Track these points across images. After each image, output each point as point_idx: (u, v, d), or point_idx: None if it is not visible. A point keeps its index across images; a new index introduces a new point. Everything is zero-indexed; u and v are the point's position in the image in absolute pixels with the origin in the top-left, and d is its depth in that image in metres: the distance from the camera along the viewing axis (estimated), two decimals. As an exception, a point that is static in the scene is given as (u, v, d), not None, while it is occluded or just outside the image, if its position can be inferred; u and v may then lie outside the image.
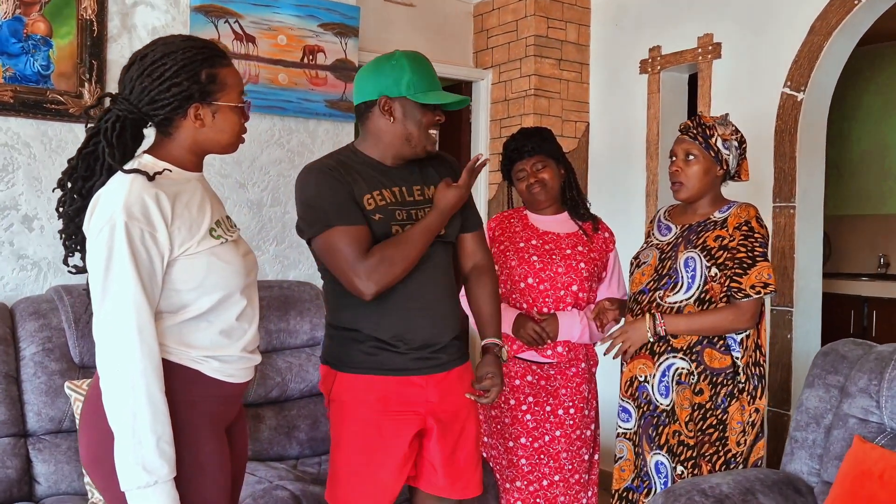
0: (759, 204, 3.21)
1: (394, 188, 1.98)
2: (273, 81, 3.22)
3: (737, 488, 2.00)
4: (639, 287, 2.35)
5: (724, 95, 3.39)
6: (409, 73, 1.91)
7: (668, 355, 2.25)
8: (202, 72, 1.58)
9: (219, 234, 1.63)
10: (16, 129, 2.72)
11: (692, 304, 2.22)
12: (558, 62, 3.93)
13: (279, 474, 2.45)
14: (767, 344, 2.38)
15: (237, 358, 1.66)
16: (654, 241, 2.40)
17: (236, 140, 1.68)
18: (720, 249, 2.22)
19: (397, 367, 1.96)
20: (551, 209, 2.58)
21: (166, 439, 1.49)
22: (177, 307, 1.58)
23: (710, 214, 2.30)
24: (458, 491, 2.08)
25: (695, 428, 2.24)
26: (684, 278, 2.24)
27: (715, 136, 2.26)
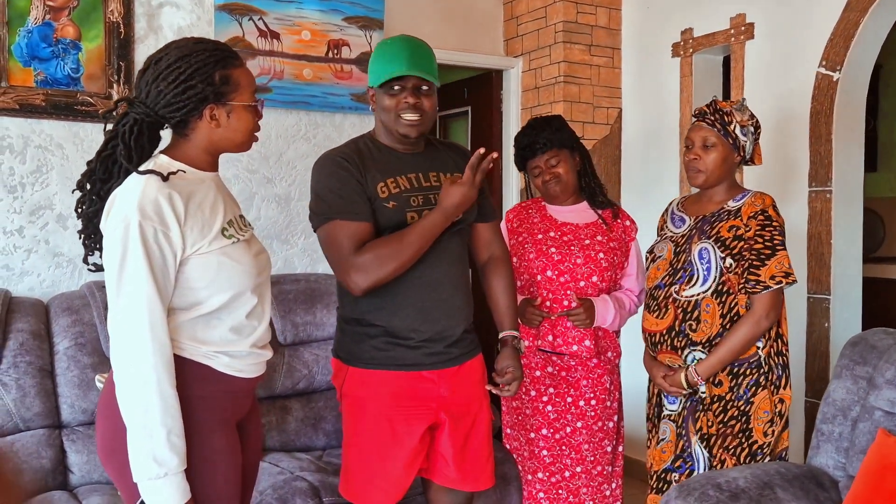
0: (795, 188, 3.14)
1: (409, 174, 1.99)
2: (298, 77, 3.26)
3: (754, 482, 1.95)
4: (654, 282, 2.31)
5: (758, 77, 3.28)
6: (376, 59, 1.95)
7: (689, 349, 2.21)
8: (216, 73, 1.61)
9: (231, 233, 1.66)
10: (49, 132, 2.82)
11: (710, 297, 2.16)
12: (589, 48, 3.86)
13: (302, 465, 2.50)
14: (788, 333, 2.30)
15: (247, 353, 1.70)
16: (668, 234, 2.35)
17: (250, 138, 1.72)
18: (735, 239, 2.16)
19: (409, 363, 1.97)
20: (570, 200, 2.55)
21: (177, 432, 1.53)
22: (189, 304, 1.61)
23: (724, 203, 2.24)
24: (471, 483, 2.08)
25: (715, 420, 2.20)
26: (699, 270, 2.18)
27: (734, 122, 2.20)
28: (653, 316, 2.29)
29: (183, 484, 1.54)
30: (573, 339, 2.43)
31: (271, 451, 2.68)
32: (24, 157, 2.79)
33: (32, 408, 2.41)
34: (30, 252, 2.80)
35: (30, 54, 2.76)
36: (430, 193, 1.98)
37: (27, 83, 2.75)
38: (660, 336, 2.26)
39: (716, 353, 2.16)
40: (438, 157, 2.06)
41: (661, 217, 2.46)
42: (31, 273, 2.81)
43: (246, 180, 3.20)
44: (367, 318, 1.99)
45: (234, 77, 1.64)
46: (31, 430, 2.41)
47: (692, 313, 2.19)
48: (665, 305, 2.24)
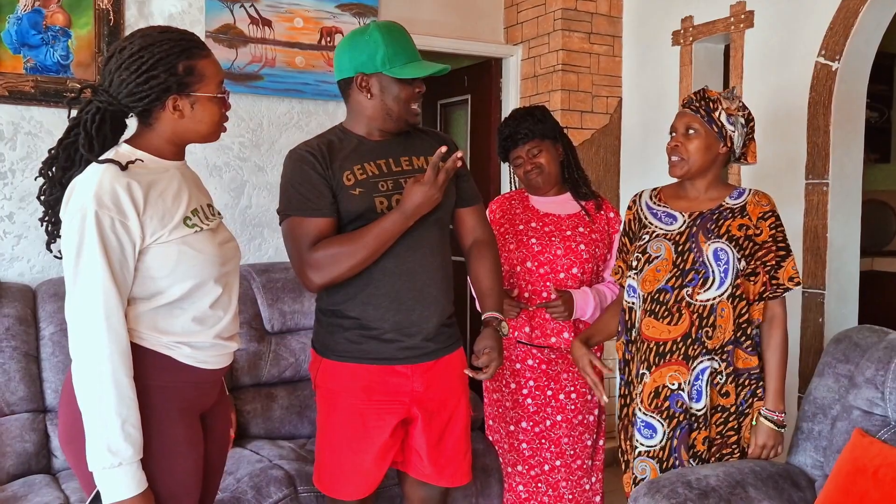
0: (792, 181, 3.08)
1: (378, 161, 1.97)
2: (290, 64, 3.25)
3: (726, 480, 1.92)
4: (657, 285, 2.08)
5: (757, 67, 3.21)
6: (384, 46, 1.88)
7: (702, 358, 2.05)
8: (179, 64, 1.60)
9: (194, 223, 1.65)
10: (38, 118, 2.84)
11: (725, 301, 2.02)
12: (588, 35, 3.81)
13: (282, 454, 2.51)
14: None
15: (210, 345, 1.69)
16: (657, 231, 2.14)
17: (216, 129, 1.70)
18: (746, 240, 2.05)
19: (382, 357, 1.96)
20: (553, 191, 2.52)
21: (132, 422, 1.52)
22: (150, 294, 1.61)
23: (720, 200, 2.11)
24: (446, 479, 2.07)
25: (714, 431, 2.09)
26: (716, 272, 2.03)
27: (719, 109, 2.07)
28: (662, 322, 2.06)
29: (138, 474, 1.54)
30: (551, 331, 2.41)
31: (255, 438, 2.70)
32: (14, 143, 2.81)
33: (17, 392, 2.43)
34: (20, 238, 2.83)
35: (19, 41, 2.77)
36: (400, 178, 1.96)
37: (17, 70, 2.77)
38: (672, 344, 2.05)
39: (773, 377, 2.07)
40: (411, 143, 2.04)
41: (628, 210, 2.27)
42: (20, 259, 2.84)
43: (237, 168, 3.21)
44: (341, 308, 1.98)
45: (199, 68, 1.62)
46: (15, 413, 2.43)
47: (708, 319, 2.03)
48: (678, 310, 2.04)
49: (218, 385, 1.81)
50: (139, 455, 1.54)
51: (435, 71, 1.92)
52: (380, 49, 1.88)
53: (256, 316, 2.88)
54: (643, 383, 2.11)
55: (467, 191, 2.11)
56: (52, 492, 2.22)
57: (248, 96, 3.17)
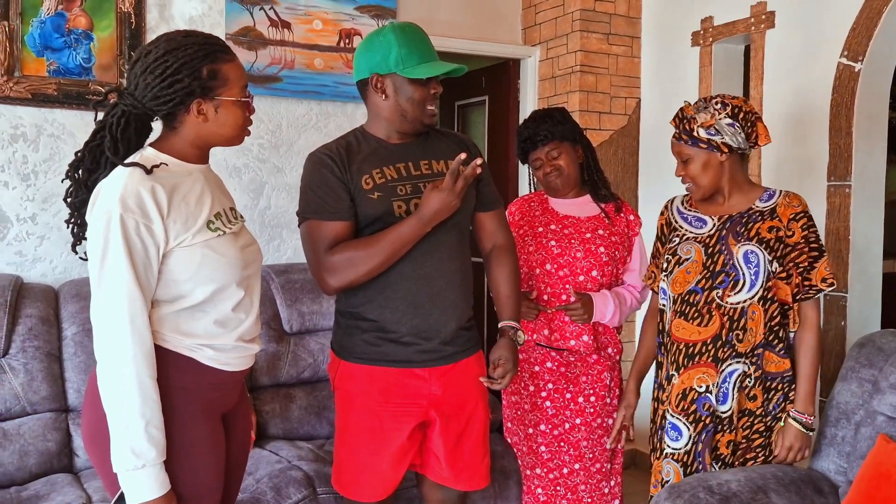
0: (813, 183, 3.05)
1: (398, 164, 1.95)
2: (309, 66, 3.26)
3: (747, 486, 1.91)
4: (686, 286, 2.10)
5: (778, 68, 3.19)
6: (397, 47, 1.87)
7: (731, 361, 2.06)
8: (203, 68, 1.61)
9: (217, 226, 1.66)
10: (61, 121, 2.87)
11: (756, 303, 2.03)
12: (607, 36, 3.79)
13: (301, 454, 2.51)
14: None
15: (232, 347, 1.70)
16: (687, 234, 2.17)
17: (240, 133, 1.71)
18: (777, 241, 2.05)
19: (400, 359, 1.95)
20: (572, 193, 2.51)
21: (155, 424, 1.54)
22: (173, 297, 1.62)
23: (750, 203, 2.12)
24: (464, 482, 2.06)
25: (740, 434, 2.09)
26: (746, 275, 2.03)
27: (695, 127, 2.07)
28: (692, 324, 2.08)
29: (161, 476, 1.55)
30: (571, 333, 2.40)
31: (274, 439, 2.71)
32: (37, 145, 2.84)
33: (39, 392, 2.46)
34: (42, 239, 2.86)
35: (43, 44, 2.80)
36: (419, 182, 1.95)
37: (40, 73, 2.80)
38: (701, 346, 2.08)
39: (805, 379, 2.05)
40: (431, 146, 2.03)
41: (661, 216, 2.32)
42: (43, 259, 2.87)
43: (256, 169, 3.22)
44: (359, 311, 1.98)
45: (223, 71, 1.63)
46: (37, 413, 2.46)
47: (738, 321, 2.04)
48: (709, 312, 2.06)
49: (239, 386, 1.82)
50: (162, 457, 1.55)
51: (448, 70, 1.90)
52: (393, 49, 1.87)
53: (275, 316, 2.90)
54: (671, 385, 2.14)
55: (488, 195, 2.10)
56: (75, 490, 2.24)
57: (267, 98, 3.19)
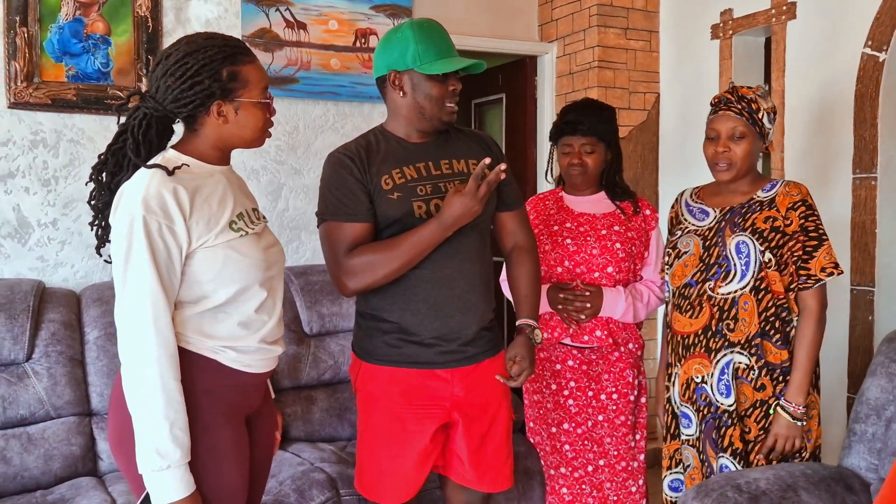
0: (838, 175, 3.00)
1: (418, 164, 1.93)
2: (325, 67, 3.25)
3: (776, 484, 1.87)
4: (683, 280, 2.15)
5: (800, 59, 3.14)
6: (414, 43, 1.84)
7: (725, 351, 2.06)
8: (223, 70, 1.60)
9: (239, 227, 1.65)
10: (80, 125, 2.88)
11: (748, 294, 2.04)
12: (625, 31, 3.76)
13: (323, 456, 2.51)
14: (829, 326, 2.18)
15: (255, 349, 1.69)
16: (689, 227, 2.21)
17: (261, 135, 1.70)
18: (772, 231, 2.04)
19: (422, 361, 1.94)
20: (588, 190, 2.48)
21: (180, 426, 1.53)
22: (196, 298, 1.62)
23: (752, 194, 2.12)
24: (487, 484, 2.04)
25: (755, 427, 2.08)
26: (737, 265, 2.05)
27: (761, 110, 2.07)
28: (685, 316, 2.13)
29: (186, 476, 1.55)
30: (584, 329, 2.38)
31: (296, 441, 2.71)
32: (56, 150, 2.86)
33: (63, 396, 2.47)
34: (63, 244, 2.88)
35: (61, 50, 2.81)
36: (439, 182, 1.93)
37: (59, 78, 2.81)
38: (694, 337, 2.12)
39: (797, 369, 2.03)
40: (452, 145, 2.00)
41: (672, 209, 2.34)
42: (64, 264, 2.88)
43: (274, 171, 3.22)
44: (380, 313, 1.96)
45: (243, 74, 1.62)
46: (61, 417, 2.48)
47: (729, 312, 2.06)
48: (699, 304, 2.10)
49: (262, 388, 1.81)
50: (187, 458, 1.55)
51: (465, 66, 1.87)
52: (410, 45, 1.84)
53: (295, 318, 2.89)
54: (676, 375, 2.19)
55: (510, 194, 2.08)
56: (100, 494, 2.25)
57: (284, 100, 3.19)
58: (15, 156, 2.81)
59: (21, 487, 2.34)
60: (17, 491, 2.33)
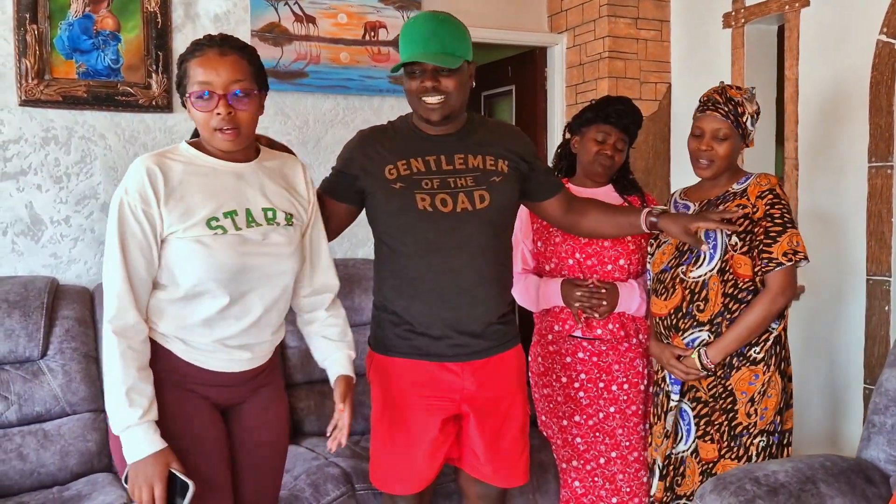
0: (854, 164, 2.97)
1: (427, 157, 1.93)
2: (335, 61, 3.24)
3: (795, 476, 1.86)
4: (660, 266, 2.27)
5: (814, 47, 3.10)
6: (401, 38, 1.89)
7: (692, 329, 2.18)
8: (182, 65, 1.66)
9: (220, 224, 1.63)
10: (91, 122, 2.88)
11: (715, 275, 2.14)
12: (635, 21, 3.73)
13: (337, 451, 2.50)
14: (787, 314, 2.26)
15: (212, 348, 1.68)
16: None
17: (207, 133, 1.66)
18: (742, 218, 2.13)
19: (432, 353, 1.93)
20: (598, 183, 2.47)
21: (137, 390, 1.57)
22: (164, 283, 1.66)
23: (727, 187, 2.23)
24: (502, 479, 2.04)
25: (707, 394, 2.19)
26: (706, 250, 2.16)
27: (745, 114, 2.18)
28: (661, 299, 2.25)
29: (149, 435, 1.57)
30: (597, 322, 2.37)
31: (309, 435, 2.71)
32: (68, 147, 2.86)
33: (78, 392, 2.48)
34: (76, 241, 2.88)
35: (71, 47, 2.81)
36: (448, 177, 1.91)
37: (70, 75, 2.81)
38: (667, 318, 2.24)
39: (731, 332, 2.12)
40: (472, 138, 1.97)
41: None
42: (77, 261, 2.89)
43: (285, 166, 3.22)
44: (389, 304, 1.97)
45: (190, 69, 1.64)
46: (77, 413, 2.48)
47: (700, 294, 2.16)
48: (672, 287, 2.22)
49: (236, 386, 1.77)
50: (148, 417, 1.57)
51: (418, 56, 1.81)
52: (400, 43, 1.89)
53: (308, 313, 2.89)
54: None
55: (544, 184, 2.09)
56: (116, 490, 2.26)
57: (293, 94, 3.18)
58: (27, 153, 2.81)
59: (38, 484, 2.35)
60: (34, 487, 2.34)
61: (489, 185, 1.93)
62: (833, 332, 3.05)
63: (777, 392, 2.15)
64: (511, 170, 1.97)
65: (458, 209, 1.89)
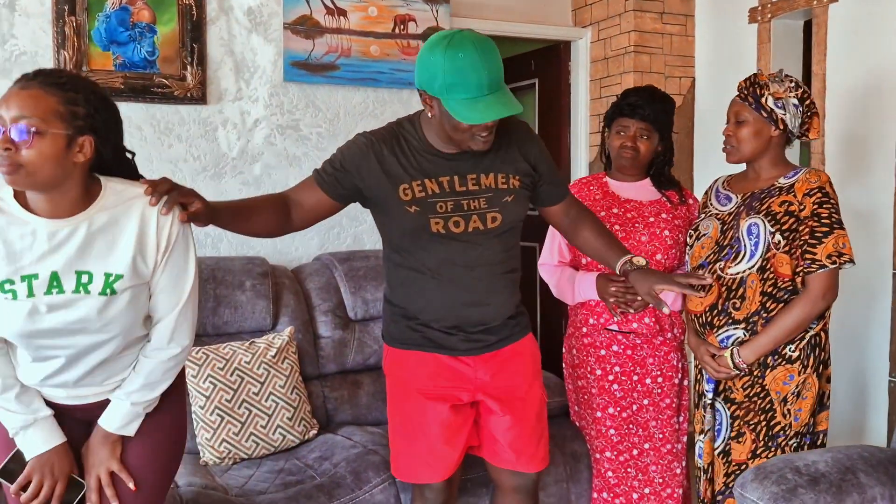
0: (881, 162, 2.99)
1: (441, 178, 1.88)
2: (365, 54, 3.27)
3: (835, 466, 1.89)
4: (699, 261, 2.23)
5: (842, 43, 3.12)
6: (442, 73, 1.71)
7: (727, 327, 2.15)
8: None
9: (11, 289, 1.51)
10: (127, 114, 2.89)
11: (755, 273, 2.09)
12: (660, 15, 3.75)
13: (374, 440, 2.54)
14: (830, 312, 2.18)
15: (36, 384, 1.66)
16: (712, 211, 2.28)
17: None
18: (786, 215, 2.08)
19: (445, 346, 1.98)
20: (633, 177, 2.49)
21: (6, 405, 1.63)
22: None
23: (774, 181, 2.16)
24: (523, 465, 2.08)
25: (741, 394, 2.17)
26: (747, 246, 2.10)
27: (766, 95, 2.12)
28: (697, 296, 2.19)
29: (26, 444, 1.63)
30: (633, 316, 2.40)
31: (344, 424, 2.75)
32: (105, 139, 2.88)
33: None
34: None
35: (108, 39, 2.84)
36: (461, 199, 1.88)
37: (107, 67, 2.84)
38: (704, 316, 2.20)
39: (766, 333, 2.08)
40: (486, 156, 1.91)
41: (704, 195, 2.39)
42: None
43: (315, 159, 3.25)
44: (402, 304, 2.00)
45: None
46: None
47: (737, 291, 2.12)
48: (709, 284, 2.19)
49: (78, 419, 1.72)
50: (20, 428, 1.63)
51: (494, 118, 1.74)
52: (439, 75, 1.72)
53: (340, 304, 2.93)
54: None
55: (553, 190, 2.07)
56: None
57: (324, 86, 3.20)
58: (64, 144, 2.84)
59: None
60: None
61: (502, 206, 1.92)
62: (859, 326, 3.07)
63: (813, 394, 2.13)
64: (522, 186, 1.96)
65: (470, 229, 1.90)
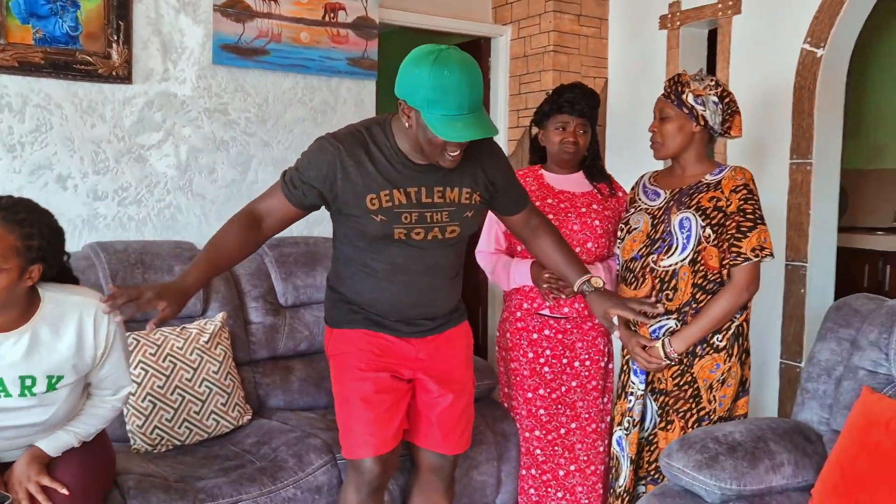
0: (776, 160, 3.27)
1: (409, 188, 1.93)
2: (295, 40, 3.26)
3: (749, 436, 2.09)
4: (630, 254, 2.33)
5: (744, 52, 3.38)
6: (427, 89, 1.74)
7: (660, 317, 2.26)
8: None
9: None
10: (47, 91, 2.79)
11: (687, 265, 2.22)
12: (578, 17, 3.92)
13: (311, 423, 2.57)
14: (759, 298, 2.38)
15: None
16: (642, 206, 2.38)
17: None
18: (714, 210, 2.21)
19: (388, 328, 2.07)
20: (570, 169, 2.63)
21: None
22: None
23: (700, 177, 2.28)
24: (451, 446, 2.19)
25: (671, 383, 2.29)
26: (679, 239, 2.23)
27: (686, 92, 2.23)
28: (630, 288, 2.32)
29: None
30: (565, 301, 2.54)
31: (276, 410, 2.75)
32: (22, 116, 2.76)
33: None
34: (30, 212, 2.78)
35: (28, 11, 2.71)
36: (426, 211, 1.95)
37: (26, 41, 2.71)
38: None
39: (696, 323, 2.21)
40: (453, 171, 1.95)
41: (631, 190, 2.50)
42: (31, 233, 2.79)
43: (243, 143, 3.21)
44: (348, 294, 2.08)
45: None
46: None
47: (669, 283, 2.24)
48: (643, 276, 2.29)
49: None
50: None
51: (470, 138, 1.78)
52: (423, 89, 1.75)
53: (270, 290, 2.92)
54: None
55: (512, 199, 2.15)
56: None
57: (254, 71, 3.18)
58: (-24, 120, 2.70)
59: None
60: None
61: (461, 220, 2.01)
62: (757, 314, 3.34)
63: (736, 381, 2.29)
64: (483, 201, 2.05)
65: (429, 237, 1.98)
